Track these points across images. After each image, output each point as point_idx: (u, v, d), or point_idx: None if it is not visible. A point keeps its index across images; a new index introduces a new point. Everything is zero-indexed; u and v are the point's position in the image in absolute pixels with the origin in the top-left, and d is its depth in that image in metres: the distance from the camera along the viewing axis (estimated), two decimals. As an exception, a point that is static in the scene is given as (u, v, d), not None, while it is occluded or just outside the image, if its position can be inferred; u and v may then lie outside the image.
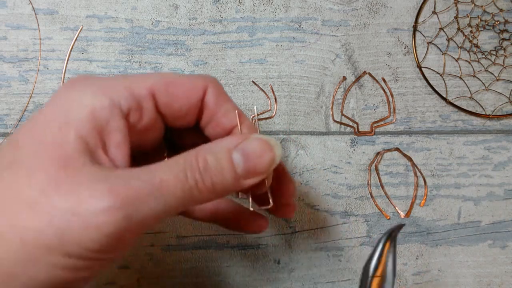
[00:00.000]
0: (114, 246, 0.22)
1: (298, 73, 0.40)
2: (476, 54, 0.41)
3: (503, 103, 0.41)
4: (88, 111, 0.23)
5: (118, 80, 0.25)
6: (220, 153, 0.24)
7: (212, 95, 0.27)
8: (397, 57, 0.41)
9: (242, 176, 0.25)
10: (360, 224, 0.39)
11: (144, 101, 0.25)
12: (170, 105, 0.26)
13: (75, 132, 0.22)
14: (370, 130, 0.40)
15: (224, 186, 0.24)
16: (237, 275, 0.39)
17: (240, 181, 0.25)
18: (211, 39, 0.40)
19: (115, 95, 0.24)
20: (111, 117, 0.23)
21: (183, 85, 0.26)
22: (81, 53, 0.39)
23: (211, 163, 0.24)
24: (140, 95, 0.25)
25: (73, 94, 0.23)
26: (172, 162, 0.24)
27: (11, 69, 0.39)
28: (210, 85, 0.27)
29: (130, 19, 0.40)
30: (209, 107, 0.27)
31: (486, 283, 0.39)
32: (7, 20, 0.39)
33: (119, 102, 0.24)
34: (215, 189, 0.24)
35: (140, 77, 0.25)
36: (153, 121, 0.26)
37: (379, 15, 0.41)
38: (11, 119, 0.39)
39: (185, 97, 0.26)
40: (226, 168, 0.24)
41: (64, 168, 0.22)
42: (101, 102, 0.23)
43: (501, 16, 0.41)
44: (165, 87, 0.25)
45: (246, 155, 0.25)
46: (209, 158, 0.24)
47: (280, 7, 0.40)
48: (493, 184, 0.40)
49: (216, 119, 0.27)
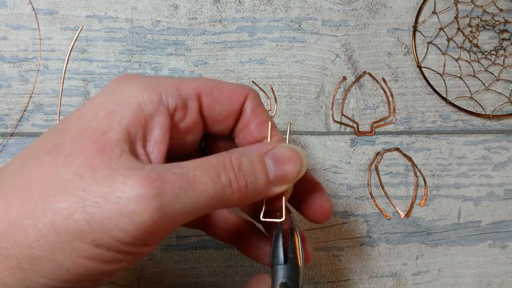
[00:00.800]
0: (144, 239, 0.22)
1: (298, 73, 0.40)
2: (476, 54, 0.41)
3: (503, 103, 0.41)
4: (136, 103, 0.23)
5: (167, 79, 0.25)
6: (253, 156, 0.25)
7: (251, 104, 0.27)
8: (397, 57, 0.41)
9: (273, 181, 0.25)
10: (360, 224, 0.39)
11: (190, 100, 0.25)
12: (213, 108, 0.26)
13: (119, 120, 0.23)
14: (370, 130, 0.40)
15: (256, 189, 0.24)
16: (237, 275, 0.39)
17: (271, 187, 0.25)
18: (211, 39, 0.40)
19: (164, 92, 0.24)
20: (157, 112, 0.24)
21: (227, 91, 0.27)
22: (81, 53, 0.39)
23: (245, 165, 0.24)
24: (187, 94, 0.25)
25: (123, 87, 0.24)
26: (206, 160, 0.24)
27: (11, 69, 0.39)
28: (250, 94, 0.27)
29: (130, 19, 0.40)
30: (246, 115, 0.27)
31: (486, 283, 0.39)
32: (7, 20, 0.39)
33: (167, 99, 0.24)
34: (248, 191, 0.24)
35: (188, 79, 0.26)
36: (195, 122, 0.26)
37: (379, 15, 0.41)
38: (11, 119, 0.39)
39: (227, 102, 0.26)
40: (259, 171, 0.25)
41: (102, 153, 0.22)
42: (150, 96, 0.24)
43: (501, 16, 0.41)
44: (210, 90, 0.26)
45: (277, 160, 0.25)
46: (244, 159, 0.24)
47: (280, 7, 0.40)
48: (493, 184, 0.40)
49: (250, 128, 0.28)
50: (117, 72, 0.39)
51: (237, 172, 0.24)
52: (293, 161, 0.25)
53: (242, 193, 0.24)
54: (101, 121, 0.23)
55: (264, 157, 0.25)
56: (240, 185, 0.24)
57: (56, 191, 0.21)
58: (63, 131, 0.23)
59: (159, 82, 0.25)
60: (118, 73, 0.39)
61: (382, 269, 0.39)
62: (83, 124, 0.23)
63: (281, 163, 0.25)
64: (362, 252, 0.39)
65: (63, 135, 0.23)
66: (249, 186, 0.24)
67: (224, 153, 0.24)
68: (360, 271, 0.39)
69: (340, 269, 0.39)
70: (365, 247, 0.39)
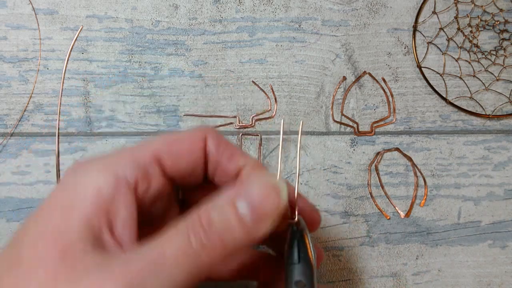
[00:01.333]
0: None
1: (298, 73, 0.40)
2: (476, 54, 0.41)
3: (503, 103, 0.41)
4: (93, 191, 0.22)
5: (121, 152, 0.24)
6: (223, 206, 0.22)
7: (213, 143, 0.26)
8: (397, 57, 0.41)
9: (251, 226, 0.22)
10: (360, 224, 0.39)
11: (150, 167, 0.24)
12: (176, 165, 0.25)
13: (78, 215, 0.21)
14: (370, 130, 0.40)
15: (234, 240, 0.22)
16: (237, 275, 0.39)
17: (251, 232, 0.23)
18: (211, 39, 0.40)
19: (121, 169, 0.23)
20: (118, 193, 0.22)
21: (184, 140, 0.25)
22: (81, 53, 0.39)
23: (215, 219, 0.22)
24: (145, 162, 0.24)
25: (77, 177, 0.23)
26: (173, 230, 0.22)
27: (11, 69, 0.39)
28: (209, 135, 0.26)
29: (130, 19, 0.40)
30: (211, 156, 0.26)
31: (486, 283, 0.39)
32: (7, 20, 0.39)
33: (125, 175, 0.23)
34: (225, 246, 0.22)
35: (143, 145, 0.25)
36: (162, 186, 0.25)
37: (379, 15, 0.41)
38: (11, 119, 0.39)
39: (188, 154, 0.25)
40: (233, 220, 0.22)
41: (63, 259, 0.20)
42: (106, 178, 0.22)
43: (501, 16, 0.41)
44: (168, 148, 0.25)
45: (251, 202, 0.22)
46: (213, 214, 0.22)
47: (280, 7, 0.40)
48: (493, 184, 0.40)
49: (222, 166, 0.26)
50: (117, 72, 0.39)
51: (208, 231, 0.22)
52: (269, 197, 0.23)
53: (220, 251, 0.22)
54: (58, 222, 0.21)
55: (236, 202, 0.22)
56: (214, 244, 0.22)
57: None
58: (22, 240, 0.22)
59: (113, 159, 0.24)
60: (118, 73, 0.39)
61: (382, 269, 0.39)
62: (40, 228, 0.21)
63: (256, 204, 0.22)
64: (362, 252, 0.39)
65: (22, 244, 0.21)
66: (226, 242, 0.22)
67: (193, 213, 0.22)
68: (360, 271, 0.39)
69: (340, 269, 0.39)
70: (365, 247, 0.39)
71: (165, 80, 0.40)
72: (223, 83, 0.40)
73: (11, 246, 0.22)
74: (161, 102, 0.39)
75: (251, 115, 0.40)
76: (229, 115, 0.40)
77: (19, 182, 0.39)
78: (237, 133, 0.39)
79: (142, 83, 0.39)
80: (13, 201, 0.38)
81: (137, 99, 0.39)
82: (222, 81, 0.40)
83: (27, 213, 0.38)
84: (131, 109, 0.39)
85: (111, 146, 0.39)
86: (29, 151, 0.39)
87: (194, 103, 0.40)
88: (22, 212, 0.38)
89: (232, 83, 0.40)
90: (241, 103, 0.40)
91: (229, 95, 0.40)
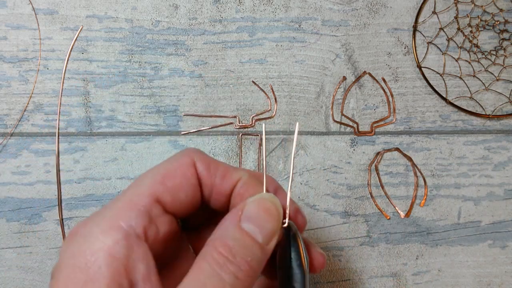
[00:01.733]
0: None
1: (298, 73, 0.40)
2: (476, 54, 0.41)
3: (503, 103, 0.41)
4: (105, 257, 0.21)
5: (121, 203, 0.23)
6: (233, 232, 0.23)
7: (202, 166, 0.26)
8: (397, 57, 0.41)
9: (264, 242, 0.23)
10: (360, 224, 0.39)
11: (152, 210, 0.23)
12: (176, 199, 0.25)
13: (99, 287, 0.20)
14: (370, 130, 0.40)
15: (257, 259, 0.23)
16: (237, 275, 0.39)
17: (265, 248, 0.24)
18: (211, 39, 0.40)
19: (126, 222, 0.22)
20: (131, 249, 0.21)
21: (177, 172, 0.25)
22: (81, 53, 0.39)
23: (233, 246, 0.22)
24: (147, 206, 0.23)
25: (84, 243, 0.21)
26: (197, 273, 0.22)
27: (11, 69, 0.39)
28: (196, 158, 0.26)
29: (130, 19, 0.40)
30: (204, 179, 0.26)
31: (486, 283, 0.39)
32: (7, 20, 0.39)
33: (132, 227, 0.22)
34: (253, 268, 0.23)
35: (138, 187, 0.24)
36: (169, 225, 0.24)
37: (379, 15, 0.41)
38: (11, 119, 0.39)
39: (184, 184, 0.25)
40: (248, 242, 0.23)
41: None
42: (115, 238, 0.21)
43: (501, 16, 0.41)
44: (164, 185, 0.24)
45: (255, 221, 0.24)
46: (229, 242, 0.23)
47: (280, 7, 0.40)
48: (493, 184, 0.40)
49: (216, 187, 0.26)
50: (117, 72, 0.39)
51: (233, 259, 0.22)
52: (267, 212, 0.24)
53: (250, 274, 0.22)
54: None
55: (242, 225, 0.23)
56: (245, 269, 0.22)
57: None
58: None
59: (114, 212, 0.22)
60: (118, 73, 0.39)
61: (382, 269, 0.39)
62: None
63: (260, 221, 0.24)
64: (362, 252, 0.39)
65: None
66: (251, 263, 0.22)
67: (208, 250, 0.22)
68: (360, 271, 0.39)
69: (340, 269, 0.39)
70: (365, 247, 0.39)
71: (165, 80, 0.40)
72: (223, 83, 0.40)
73: None
74: (161, 102, 0.39)
75: (251, 115, 0.40)
76: (229, 115, 0.40)
77: (19, 182, 0.39)
78: (237, 133, 0.39)
79: (142, 83, 0.39)
80: (13, 201, 0.38)
81: (137, 99, 0.39)
82: (222, 81, 0.40)
83: (27, 213, 0.38)
84: (131, 109, 0.39)
85: (111, 146, 0.39)
86: (29, 151, 0.39)
87: (194, 103, 0.40)
88: (22, 212, 0.38)
89: (232, 83, 0.40)
90: (241, 103, 0.40)
91: (229, 95, 0.40)
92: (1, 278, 0.38)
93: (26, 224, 0.38)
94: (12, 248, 0.38)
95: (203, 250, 0.23)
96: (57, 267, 0.21)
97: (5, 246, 0.38)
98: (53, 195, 0.38)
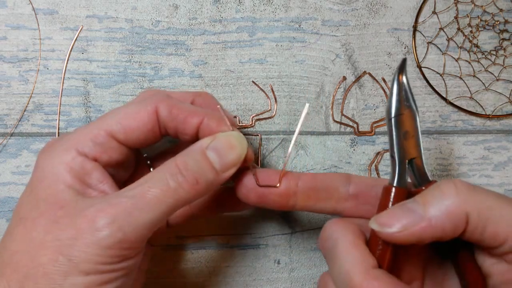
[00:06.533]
0: (120, 256, 0.26)
1: (298, 73, 0.40)
2: (476, 54, 0.41)
3: (503, 103, 0.41)
4: (64, 166, 0.28)
5: (80, 132, 0.29)
6: (197, 155, 0.28)
7: (164, 112, 0.30)
8: (397, 57, 0.41)
9: (220, 170, 0.28)
10: (360, 224, 0.39)
11: (106, 143, 0.29)
12: (128, 137, 0.29)
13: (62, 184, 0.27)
14: (370, 130, 0.40)
15: (208, 181, 0.28)
16: (237, 275, 0.39)
17: (220, 175, 0.28)
18: (211, 39, 0.40)
19: (80, 148, 0.28)
20: (83, 163, 0.28)
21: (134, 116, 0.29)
22: (81, 53, 0.39)
23: (190, 164, 0.27)
24: (99, 138, 0.29)
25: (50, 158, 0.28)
26: (153, 173, 0.27)
27: (11, 69, 0.39)
28: (160, 105, 0.30)
29: (130, 19, 0.40)
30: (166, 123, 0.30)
31: (486, 283, 0.39)
32: (7, 20, 0.39)
33: (85, 152, 0.28)
34: (200, 186, 0.27)
35: (97, 123, 0.29)
36: (124, 155, 0.30)
37: (379, 15, 0.41)
38: (11, 119, 0.39)
39: (138, 127, 0.29)
40: (205, 166, 0.28)
41: (60, 208, 0.26)
42: (71, 155, 0.28)
43: (501, 16, 0.41)
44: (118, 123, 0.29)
45: (219, 152, 0.28)
46: (188, 160, 0.28)
47: (280, 7, 0.40)
48: (493, 184, 0.40)
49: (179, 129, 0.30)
50: (117, 72, 0.39)
51: (185, 173, 0.27)
52: (232, 148, 0.29)
53: (196, 189, 0.27)
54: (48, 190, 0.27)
55: (207, 151, 0.28)
56: (192, 183, 0.27)
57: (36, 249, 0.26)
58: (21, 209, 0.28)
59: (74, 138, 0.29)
60: (118, 73, 0.39)
61: (382, 269, 0.39)
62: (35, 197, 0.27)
63: (222, 152, 0.28)
64: (362, 252, 0.39)
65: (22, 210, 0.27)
66: (200, 181, 0.27)
67: (169, 161, 0.28)
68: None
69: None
70: (365, 247, 0.39)
71: (165, 80, 0.40)
72: (223, 83, 0.40)
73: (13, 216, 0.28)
74: (161, 102, 0.39)
75: (251, 115, 0.40)
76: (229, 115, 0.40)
77: (19, 182, 0.39)
78: (237, 133, 0.39)
79: (142, 83, 0.39)
80: (13, 201, 0.38)
81: (137, 99, 0.39)
82: (222, 81, 0.40)
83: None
84: (131, 109, 0.39)
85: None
86: (29, 151, 0.39)
87: (194, 103, 0.40)
88: (22, 212, 0.38)
89: (232, 83, 0.40)
90: (241, 103, 0.40)
91: (229, 95, 0.40)
92: (1, 278, 0.38)
93: (26, 224, 0.38)
94: (12, 248, 0.38)
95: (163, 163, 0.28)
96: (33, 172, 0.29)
97: (5, 246, 0.38)
98: (53, 195, 0.38)
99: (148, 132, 0.30)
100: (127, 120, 0.29)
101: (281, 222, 0.39)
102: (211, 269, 0.39)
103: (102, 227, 0.25)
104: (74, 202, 0.26)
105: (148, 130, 0.30)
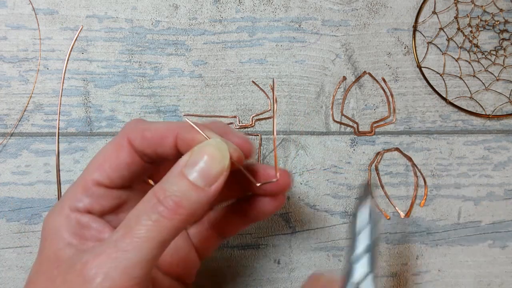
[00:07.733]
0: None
1: (298, 73, 0.40)
2: (476, 54, 0.41)
3: (503, 103, 0.41)
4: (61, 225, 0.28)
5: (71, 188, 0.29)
6: (174, 177, 0.26)
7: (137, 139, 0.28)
8: (397, 57, 0.41)
9: (205, 185, 0.26)
10: (360, 224, 0.39)
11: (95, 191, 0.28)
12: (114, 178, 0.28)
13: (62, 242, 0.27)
14: (370, 130, 0.40)
15: (191, 202, 0.25)
16: (237, 275, 0.39)
17: (206, 190, 0.26)
18: (211, 39, 0.40)
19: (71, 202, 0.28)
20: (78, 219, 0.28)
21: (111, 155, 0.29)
22: (81, 53, 0.39)
23: (169, 190, 0.25)
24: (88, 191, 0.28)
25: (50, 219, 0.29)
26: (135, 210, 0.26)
27: (11, 69, 0.39)
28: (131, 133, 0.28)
29: (130, 19, 0.40)
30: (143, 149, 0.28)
31: (486, 283, 0.39)
32: (7, 20, 0.39)
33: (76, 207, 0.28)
34: (184, 207, 0.25)
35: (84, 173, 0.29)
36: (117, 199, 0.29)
37: (379, 15, 0.41)
38: (11, 119, 0.39)
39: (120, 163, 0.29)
40: (184, 186, 0.25)
41: (57, 267, 0.26)
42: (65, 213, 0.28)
43: (501, 16, 0.41)
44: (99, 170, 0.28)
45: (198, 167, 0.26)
46: (166, 186, 0.25)
47: (280, 7, 0.40)
48: (493, 184, 0.40)
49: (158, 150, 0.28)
50: (117, 72, 0.39)
51: (164, 200, 0.25)
52: (212, 158, 0.26)
53: (180, 214, 0.25)
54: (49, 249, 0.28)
55: (185, 171, 0.26)
56: (173, 209, 0.25)
57: None
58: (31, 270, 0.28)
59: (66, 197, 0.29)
60: (118, 73, 0.39)
61: (382, 269, 0.39)
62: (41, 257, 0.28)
63: (203, 166, 0.26)
64: (362, 252, 0.39)
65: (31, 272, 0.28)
66: (182, 204, 0.25)
67: (149, 192, 0.26)
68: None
69: (340, 269, 0.39)
70: (365, 247, 0.39)
71: (165, 80, 0.40)
72: (223, 83, 0.40)
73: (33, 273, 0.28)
74: (161, 102, 0.39)
75: (251, 115, 0.40)
76: (229, 115, 0.40)
77: (19, 182, 0.39)
78: (237, 133, 0.39)
79: (142, 83, 0.39)
80: (13, 201, 0.38)
81: (137, 99, 0.39)
82: (222, 81, 0.40)
83: (27, 213, 0.38)
84: (131, 109, 0.39)
85: (111, 146, 0.39)
86: (29, 151, 0.39)
87: (194, 103, 0.40)
88: (22, 212, 0.38)
89: (232, 83, 0.40)
90: (241, 103, 0.40)
91: (229, 95, 0.40)
92: (1, 278, 0.38)
93: (26, 224, 0.38)
94: (12, 248, 0.38)
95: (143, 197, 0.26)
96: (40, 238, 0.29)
97: (5, 246, 0.38)
98: (53, 195, 0.38)
99: (130, 166, 0.29)
100: (106, 163, 0.28)
101: (281, 222, 0.39)
102: (211, 269, 0.39)
103: (91, 279, 0.24)
104: (70, 258, 0.26)
105: (128, 164, 0.29)
